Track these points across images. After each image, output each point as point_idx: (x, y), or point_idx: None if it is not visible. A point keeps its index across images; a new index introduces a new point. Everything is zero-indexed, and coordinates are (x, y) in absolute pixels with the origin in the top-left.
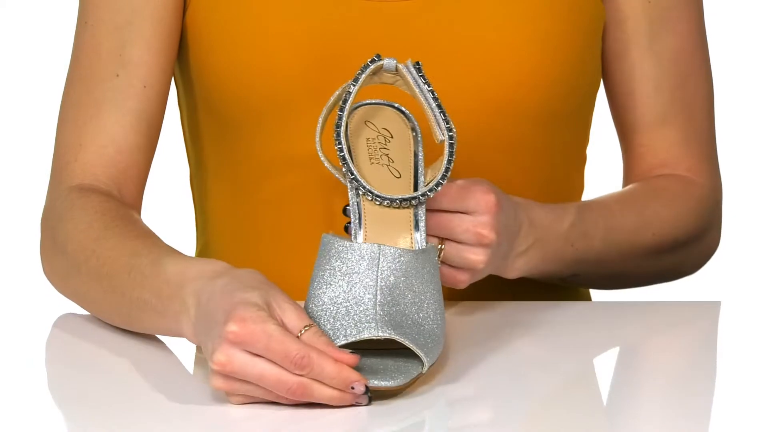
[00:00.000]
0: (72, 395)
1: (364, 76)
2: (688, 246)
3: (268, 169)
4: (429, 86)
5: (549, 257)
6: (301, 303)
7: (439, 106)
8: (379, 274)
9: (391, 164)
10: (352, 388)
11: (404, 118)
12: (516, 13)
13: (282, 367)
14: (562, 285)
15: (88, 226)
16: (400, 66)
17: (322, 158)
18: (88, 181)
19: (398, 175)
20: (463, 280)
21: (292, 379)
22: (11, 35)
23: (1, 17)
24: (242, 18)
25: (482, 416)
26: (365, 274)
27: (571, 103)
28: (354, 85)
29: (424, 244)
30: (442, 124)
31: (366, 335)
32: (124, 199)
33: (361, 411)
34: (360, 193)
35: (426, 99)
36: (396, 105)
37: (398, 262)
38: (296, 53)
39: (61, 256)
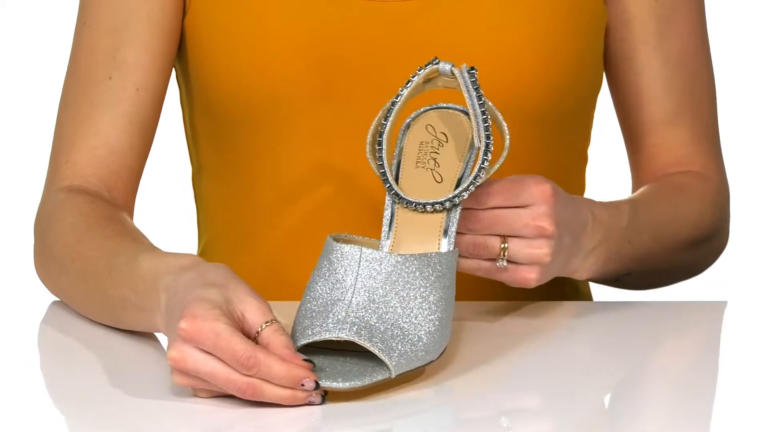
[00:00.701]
0: (63, 389)
1: (416, 78)
2: (710, 240)
3: (267, 169)
4: (478, 92)
5: (612, 256)
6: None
7: (483, 113)
8: (358, 276)
9: (435, 168)
10: (303, 385)
11: (470, 123)
12: (516, 13)
13: (232, 367)
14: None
15: (72, 227)
16: (455, 70)
17: (369, 158)
18: (78, 182)
19: (440, 180)
20: (532, 278)
21: (242, 380)
22: (11, 35)
23: (1, 17)
24: (242, 19)
25: (467, 417)
26: (345, 275)
27: (572, 104)
28: (405, 89)
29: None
30: (482, 132)
31: (326, 336)
32: (115, 200)
33: (316, 410)
34: (390, 195)
35: (472, 105)
36: (465, 109)
37: (380, 265)
38: (296, 54)
39: (49, 258)
